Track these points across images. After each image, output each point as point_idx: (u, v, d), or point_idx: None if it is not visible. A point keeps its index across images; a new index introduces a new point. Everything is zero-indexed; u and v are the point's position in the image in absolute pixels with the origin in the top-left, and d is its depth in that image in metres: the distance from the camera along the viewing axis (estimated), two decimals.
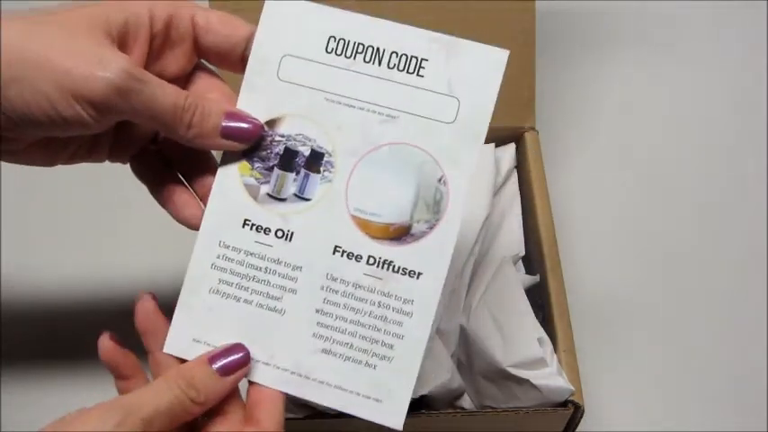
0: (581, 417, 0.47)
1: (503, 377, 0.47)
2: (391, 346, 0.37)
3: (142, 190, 0.41)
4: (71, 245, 0.64)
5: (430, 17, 0.56)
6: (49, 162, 0.39)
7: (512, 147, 0.60)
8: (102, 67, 0.33)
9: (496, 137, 0.59)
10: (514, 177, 0.60)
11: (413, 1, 0.55)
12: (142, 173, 0.41)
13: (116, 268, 0.62)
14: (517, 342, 0.47)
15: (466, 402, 0.51)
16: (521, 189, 0.59)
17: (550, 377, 0.46)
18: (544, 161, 0.58)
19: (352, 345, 0.37)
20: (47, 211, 0.66)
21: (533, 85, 0.59)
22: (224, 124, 0.37)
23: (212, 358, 0.36)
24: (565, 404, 0.46)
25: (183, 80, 0.39)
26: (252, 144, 0.38)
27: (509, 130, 0.59)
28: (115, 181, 0.43)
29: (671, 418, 0.55)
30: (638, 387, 0.57)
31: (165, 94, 0.35)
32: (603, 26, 0.75)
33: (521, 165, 0.60)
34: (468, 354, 0.50)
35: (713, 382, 0.57)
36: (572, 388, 0.45)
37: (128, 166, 0.41)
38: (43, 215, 0.66)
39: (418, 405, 0.48)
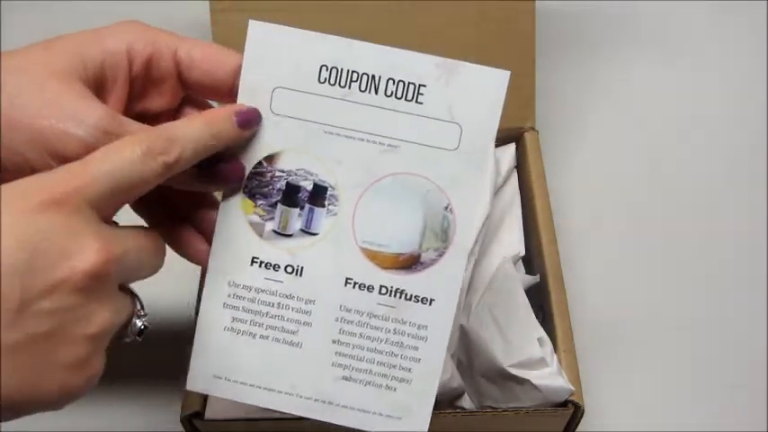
0: (581, 417, 0.47)
1: (503, 377, 0.47)
2: (409, 370, 0.38)
3: None
4: None
5: (430, 18, 0.56)
6: None
7: (512, 147, 0.60)
8: (75, 125, 0.32)
9: (496, 137, 0.59)
10: (514, 177, 0.60)
11: (413, 1, 0.55)
12: (137, 208, 0.39)
13: None
14: (517, 342, 0.47)
15: (466, 402, 0.51)
16: (521, 189, 0.59)
17: (551, 377, 0.46)
18: (544, 161, 0.58)
19: (371, 371, 0.38)
20: None
21: (533, 85, 0.59)
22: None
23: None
24: (565, 404, 0.46)
25: (172, 113, 0.38)
26: (238, 187, 0.37)
27: (509, 130, 0.59)
28: None
29: (671, 418, 0.55)
30: (638, 387, 0.57)
31: None
32: (603, 26, 0.75)
33: (521, 165, 0.60)
34: (468, 354, 0.50)
35: (713, 382, 0.57)
36: (572, 388, 0.45)
37: None
38: None
39: None
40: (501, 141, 0.60)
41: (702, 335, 0.59)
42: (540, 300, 0.52)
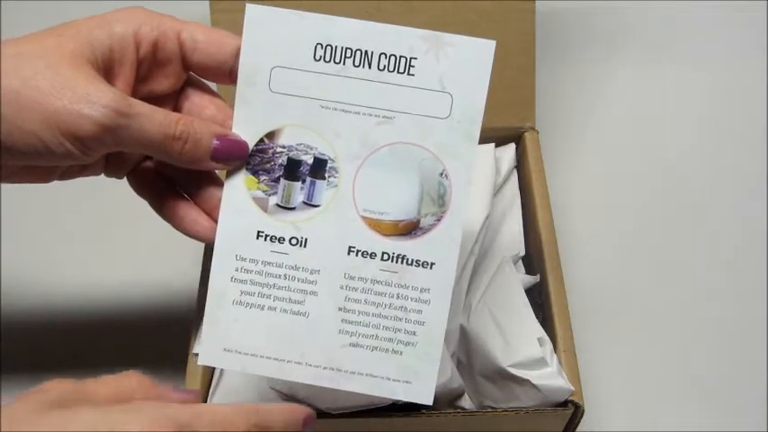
0: (581, 417, 0.47)
1: (503, 377, 0.47)
2: (414, 333, 0.39)
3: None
4: (72, 249, 0.64)
5: (429, 17, 0.56)
6: (43, 181, 0.39)
7: (512, 147, 0.60)
8: (89, 106, 0.33)
9: (496, 137, 0.59)
10: (514, 177, 0.60)
11: (412, 1, 0.55)
12: (141, 188, 0.40)
13: (115, 274, 0.62)
14: (517, 342, 0.47)
15: (466, 402, 0.51)
16: (521, 189, 0.59)
17: (550, 377, 0.46)
18: (544, 161, 0.58)
19: (377, 336, 0.39)
20: (47, 214, 0.66)
21: (533, 85, 0.59)
22: (214, 148, 0.37)
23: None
24: (565, 404, 0.46)
25: (175, 96, 0.39)
26: (241, 164, 0.38)
27: (509, 130, 0.60)
28: (120, 186, 0.43)
29: (671, 419, 0.55)
30: (638, 387, 0.57)
31: (153, 125, 0.35)
32: (603, 26, 0.75)
33: (521, 165, 0.60)
34: (468, 354, 0.50)
35: (713, 382, 0.57)
36: (572, 388, 0.45)
37: None
38: (43, 219, 0.66)
39: (418, 405, 0.48)
40: (501, 141, 0.60)
41: (703, 335, 0.59)
42: (540, 300, 0.52)
